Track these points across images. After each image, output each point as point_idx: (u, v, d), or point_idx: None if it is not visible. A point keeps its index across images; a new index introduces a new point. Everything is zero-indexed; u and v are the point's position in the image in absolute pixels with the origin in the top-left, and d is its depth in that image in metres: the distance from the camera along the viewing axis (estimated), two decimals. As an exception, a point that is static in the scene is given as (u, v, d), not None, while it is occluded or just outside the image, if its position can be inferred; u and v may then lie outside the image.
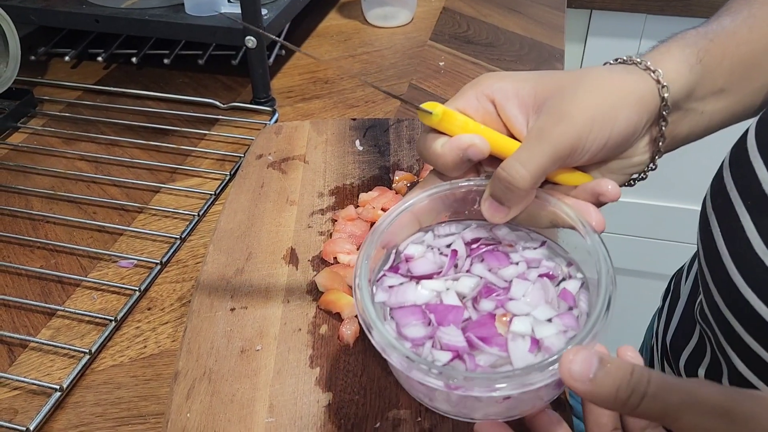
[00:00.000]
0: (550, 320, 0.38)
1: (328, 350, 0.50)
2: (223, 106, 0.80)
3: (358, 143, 0.70)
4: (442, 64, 0.89)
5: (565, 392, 0.46)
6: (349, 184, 0.65)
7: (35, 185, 0.69)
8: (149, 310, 0.57)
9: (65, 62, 0.88)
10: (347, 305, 0.52)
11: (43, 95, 0.82)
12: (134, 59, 0.85)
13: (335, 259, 0.56)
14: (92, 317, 0.55)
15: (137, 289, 0.57)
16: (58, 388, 0.49)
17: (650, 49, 0.44)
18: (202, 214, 0.65)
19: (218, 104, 0.80)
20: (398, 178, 0.65)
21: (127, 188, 0.69)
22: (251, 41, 0.74)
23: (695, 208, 1.35)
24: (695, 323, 0.55)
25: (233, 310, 0.53)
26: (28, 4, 0.81)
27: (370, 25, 0.99)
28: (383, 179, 0.66)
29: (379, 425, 0.45)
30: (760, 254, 0.42)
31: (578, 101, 0.40)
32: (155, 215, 0.66)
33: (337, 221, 0.60)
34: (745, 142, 0.46)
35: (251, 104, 0.80)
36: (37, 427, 0.47)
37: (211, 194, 0.67)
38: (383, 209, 0.60)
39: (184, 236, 0.63)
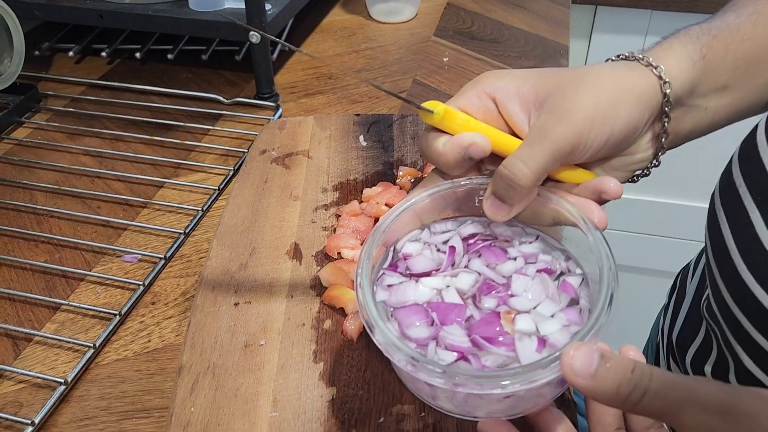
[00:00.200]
0: (552, 316, 0.38)
1: (331, 345, 0.50)
2: (226, 101, 0.80)
3: (361, 139, 0.70)
4: (446, 59, 0.89)
5: (569, 389, 0.46)
6: (352, 179, 0.65)
7: (39, 180, 0.69)
8: (153, 304, 0.57)
9: (69, 57, 0.88)
10: (351, 300, 0.52)
11: (47, 90, 0.82)
12: (138, 54, 0.85)
13: (339, 254, 0.57)
14: (96, 311, 0.55)
15: (141, 283, 0.57)
16: (62, 381, 0.49)
17: (653, 45, 0.44)
18: (206, 209, 0.65)
19: (222, 99, 0.80)
20: (402, 173, 0.65)
21: (131, 183, 0.69)
22: (255, 36, 0.74)
23: (701, 205, 1.36)
24: (702, 320, 0.55)
25: (237, 304, 0.53)
26: (32, -1, 0.81)
27: (374, 20, 0.99)
28: (387, 175, 0.66)
29: (382, 420, 0.45)
30: None
31: (579, 99, 0.39)
32: (159, 210, 0.66)
33: (340, 216, 0.60)
34: (754, 137, 0.45)
35: (255, 100, 0.80)
36: (41, 420, 0.47)
37: (214, 189, 0.67)
38: (387, 204, 0.60)
39: (188, 231, 0.63)
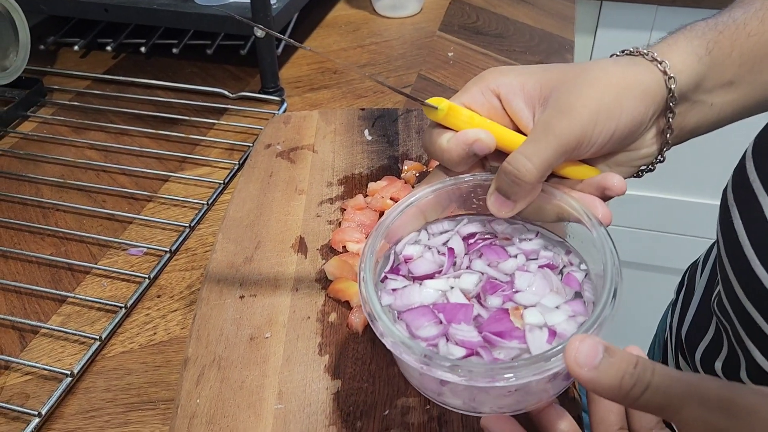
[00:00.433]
0: (557, 307, 0.38)
1: (336, 338, 0.50)
2: (231, 95, 0.80)
3: (366, 133, 0.70)
4: (451, 54, 0.89)
5: (574, 385, 0.46)
6: (357, 173, 0.65)
7: (45, 173, 0.69)
8: (159, 297, 0.57)
9: (74, 52, 0.88)
10: (356, 294, 0.52)
11: (52, 84, 0.83)
12: (143, 49, 0.85)
13: (344, 247, 0.57)
14: (102, 304, 0.56)
15: (147, 276, 0.57)
16: (69, 373, 0.49)
17: (658, 40, 0.43)
18: (211, 202, 0.65)
19: (227, 94, 0.80)
20: (407, 167, 0.65)
21: (136, 177, 0.69)
22: (260, 31, 0.74)
23: (707, 201, 1.35)
24: (711, 316, 0.55)
25: (242, 297, 0.53)
26: (37, -7, 0.81)
27: (378, 15, 0.99)
28: (392, 169, 0.66)
29: (387, 413, 0.45)
30: None
31: (583, 94, 0.39)
32: (164, 204, 0.66)
33: (345, 210, 0.60)
34: None
35: (260, 94, 0.80)
36: (48, 411, 0.48)
37: (220, 183, 0.67)
38: (392, 198, 0.60)
39: (193, 225, 0.63)
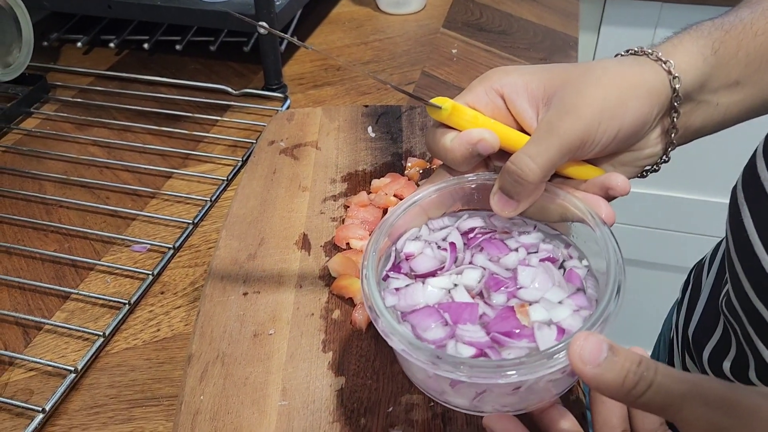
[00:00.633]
0: (561, 302, 0.38)
1: (340, 335, 0.50)
2: (235, 92, 0.80)
3: (370, 130, 0.70)
4: (454, 51, 0.88)
5: (579, 384, 0.46)
6: (361, 170, 0.65)
7: (48, 170, 0.69)
8: (162, 294, 0.57)
9: (77, 48, 0.88)
10: (359, 290, 0.51)
11: (55, 81, 0.83)
12: (146, 45, 0.85)
13: (348, 244, 0.56)
14: (106, 300, 0.56)
15: (150, 273, 0.57)
16: (72, 369, 0.49)
17: (663, 40, 0.43)
18: (214, 199, 0.65)
19: (230, 91, 0.80)
20: (411, 164, 0.65)
21: (139, 173, 0.69)
22: (263, 28, 0.74)
23: (713, 199, 1.35)
24: (719, 316, 0.54)
25: (246, 294, 0.53)
26: (41, -11, 0.81)
27: (382, 12, 0.99)
28: (396, 166, 0.65)
29: (391, 409, 0.45)
30: None
31: (587, 94, 0.39)
32: (168, 200, 0.66)
33: (349, 207, 0.60)
34: None
35: (263, 91, 0.80)
36: (52, 407, 0.48)
37: (223, 180, 0.67)
38: (396, 196, 0.60)
39: (196, 221, 0.63)
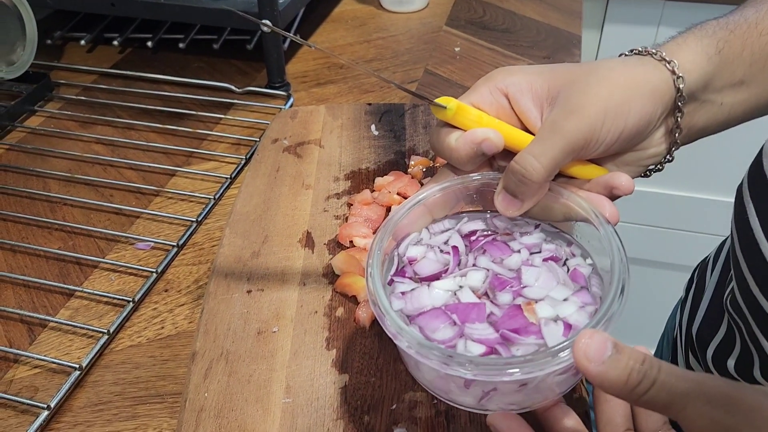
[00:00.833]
0: (566, 299, 0.38)
1: (344, 332, 0.50)
2: (238, 90, 0.80)
3: (373, 128, 0.70)
4: (457, 49, 0.88)
5: (582, 382, 0.46)
6: (364, 168, 0.65)
7: (53, 168, 0.70)
8: (166, 291, 0.57)
9: (81, 46, 0.88)
10: (363, 288, 0.52)
11: (59, 79, 0.83)
12: (149, 43, 0.85)
13: (351, 242, 0.57)
14: (110, 298, 0.56)
15: (154, 271, 0.57)
16: (77, 367, 0.50)
17: (667, 39, 0.43)
18: (218, 197, 0.66)
19: (233, 89, 0.80)
20: (414, 162, 0.65)
21: (143, 171, 0.69)
22: (266, 26, 0.74)
23: (718, 198, 1.35)
24: (723, 314, 0.54)
25: (250, 292, 0.53)
26: (44, -13, 0.81)
27: (385, 10, 0.98)
28: (399, 164, 0.66)
29: (395, 407, 0.45)
30: None
31: (591, 93, 0.39)
32: (171, 198, 0.66)
33: (352, 205, 0.60)
34: None
35: (266, 89, 0.80)
36: (57, 404, 0.48)
37: (227, 178, 0.67)
38: (399, 194, 0.60)
39: (200, 219, 0.63)
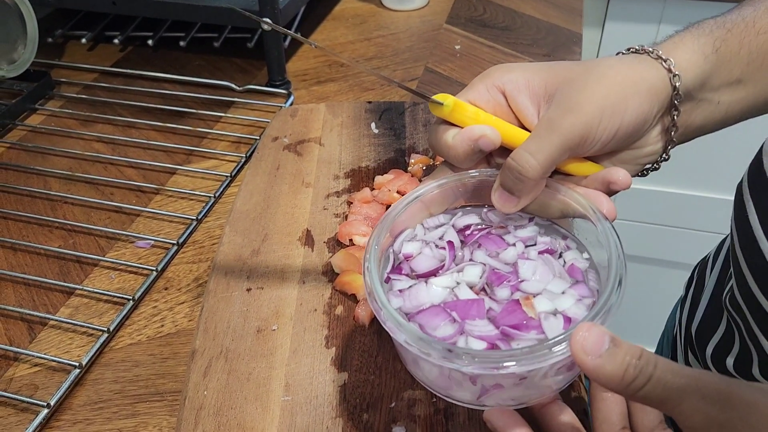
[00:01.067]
0: (563, 292, 0.38)
1: (343, 330, 0.50)
2: (238, 88, 0.80)
3: (373, 126, 0.70)
4: (458, 47, 0.88)
5: (581, 378, 0.46)
6: (364, 166, 0.65)
7: (53, 166, 0.70)
8: (166, 289, 0.57)
9: (82, 44, 0.88)
10: (362, 286, 0.52)
11: (60, 77, 0.83)
12: (150, 42, 0.85)
13: (351, 240, 0.57)
14: (110, 296, 0.56)
15: (154, 269, 0.57)
16: (77, 365, 0.50)
17: (664, 38, 0.44)
18: (218, 195, 0.66)
19: (234, 87, 0.80)
20: (414, 161, 0.65)
21: (143, 170, 0.69)
22: (267, 24, 0.74)
23: (717, 196, 1.34)
24: (723, 312, 0.54)
25: (249, 290, 0.53)
26: (45, -14, 0.81)
27: (385, 8, 0.98)
28: (399, 162, 0.66)
29: (394, 405, 0.45)
30: None
31: (588, 91, 0.40)
32: (172, 196, 0.66)
33: (352, 203, 0.60)
34: None
35: (267, 87, 0.80)
36: (57, 402, 0.48)
37: (227, 176, 0.67)
38: (399, 192, 0.60)
39: (200, 217, 0.63)
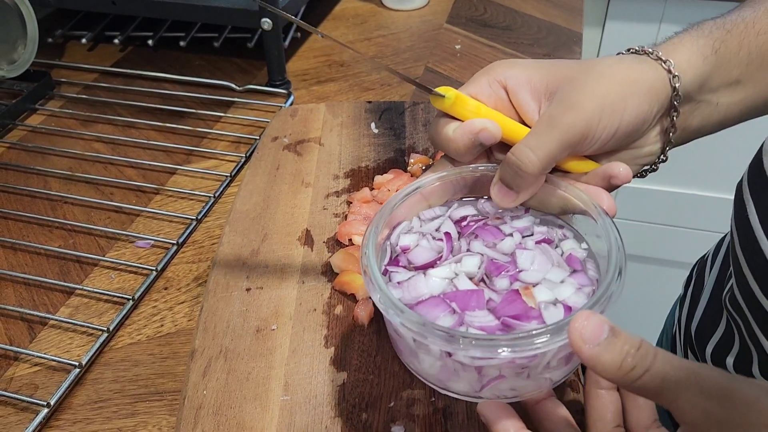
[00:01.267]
0: (562, 282, 0.38)
1: (342, 330, 0.50)
2: (238, 88, 0.80)
3: (373, 126, 0.70)
4: (458, 47, 0.88)
5: (579, 379, 0.46)
6: (364, 166, 0.65)
7: (53, 166, 0.70)
8: (166, 289, 0.57)
9: (82, 45, 0.88)
10: (362, 286, 0.52)
11: (60, 77, 0.83)
12: (150, 42, 0.85)
13: (350, 240, 0.57)
14: (110, 296, 0.56)
15: (154, 269, 0.58)
16: (77, 364, 0.50)
17: (664, 40, 0.44)
18: (218, 195, 0.66)
19: (234, 87, 0.80)
20: (413, 161, 0.65)
21: (143, 170, 0.70)
22: (267, 23, 0.74)
23: (716, 195, 1.34)
24: (722, 311, 0.54)
25: (249, 290, 0.54)
26: (45, -14, 0.81)
27: (386, 8, 0.98)
28: (398, 162, 0.66)
29: (393, 404, 0.45)
30: None
31: (588, 90, 0.40)
32: (172, 196, 0.66)
33: (352, 203, 0.60)
34: None
35: (267, 87, 0.80)
36: (57, 402, 0.48)
37: (227, 176, 0.67)
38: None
39: (200, 217, 0.63)
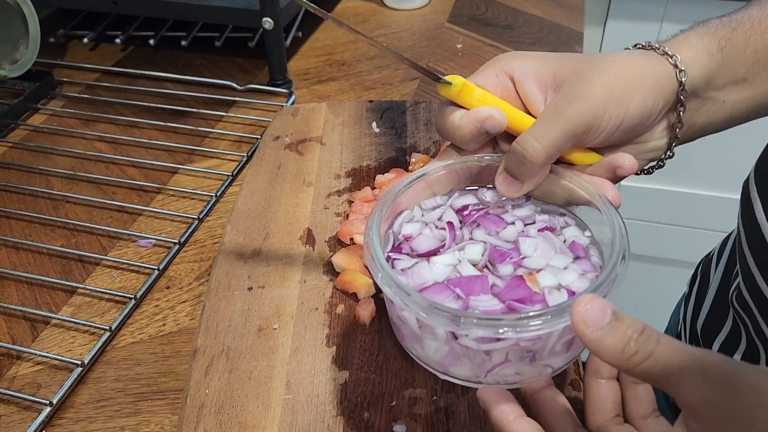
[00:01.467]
0: (566, 268, 0.39)
1: (344, 329, 0.50)
2: (240, 88, 0.80)
3: (374, 125, 0.70)
4: (459, 46, 0.88)
5: (580, 376, 0.46)
6: (365, 165, 0.65)
7: (55, 165, 0.70)
8: (168, 288, 0.57)
9: (84, 44, 0.88)
10: (364, 285, 0.52)
11: (62, 77, 0.83)
12: (152, 41, 0.86)
13: (352, 239, 0.57)
14: (112, 295, 0.56)
15: (156, 268, 0.58)
16: (79, 363, 0.50)
17: (670, 37, 0.44)
18: (219, 194, 0.66)
19: (235, 86, 0.80)
20: (415, 160, 0.65)
21: (145, 169, 0.70)
22: (268, 23, 0.74)
23: (720, 194, 1.34)
24: (728, 309, 0.54)
25: (251, 289, 0.54)
26: (47, -15, 0.81)
27: (387, 7, 0.98)
28: (400, 161, 0.66)
29: (395, 403, 0.45)
30: None
31: (594, 82, 0.40)
32: (173, 196, 0.66)
33: (353, 202, 0.60)
34: None
35: (268, 86, 0.80)
36: (59, 400, 0.48)
37: (228, 175, 0.68)
38: (400, 191, 0.60)
39: (201, 216, 0.63)
